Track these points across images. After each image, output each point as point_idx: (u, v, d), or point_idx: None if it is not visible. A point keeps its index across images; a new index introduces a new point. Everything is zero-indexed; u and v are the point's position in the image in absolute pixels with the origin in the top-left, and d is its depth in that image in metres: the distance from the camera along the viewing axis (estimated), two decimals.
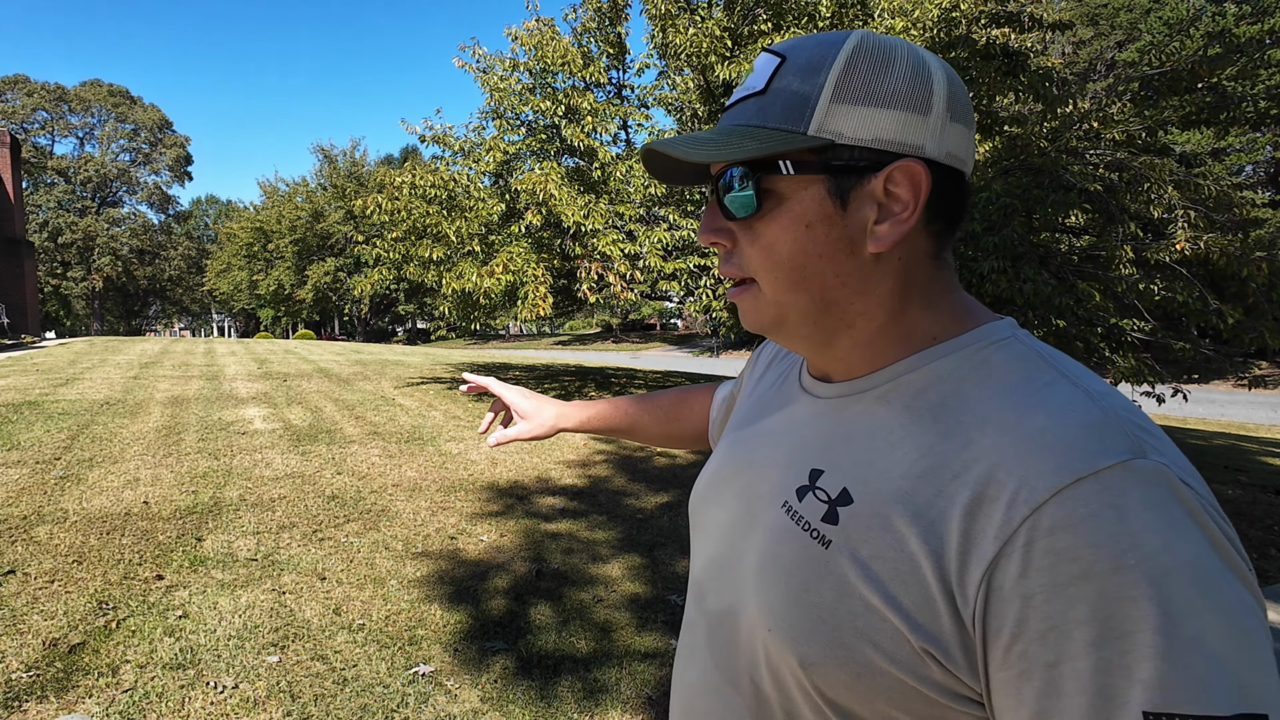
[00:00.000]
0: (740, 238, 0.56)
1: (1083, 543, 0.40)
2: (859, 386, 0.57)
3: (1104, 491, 0.41)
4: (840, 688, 0.49)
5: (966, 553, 0.44)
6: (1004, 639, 0.42)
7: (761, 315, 0.57)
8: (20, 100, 45.30)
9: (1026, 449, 0.44)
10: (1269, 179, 24.23)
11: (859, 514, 0.50)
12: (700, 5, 7.10)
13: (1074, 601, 0.40)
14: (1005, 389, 0.49)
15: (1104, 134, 6.42)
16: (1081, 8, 24.03)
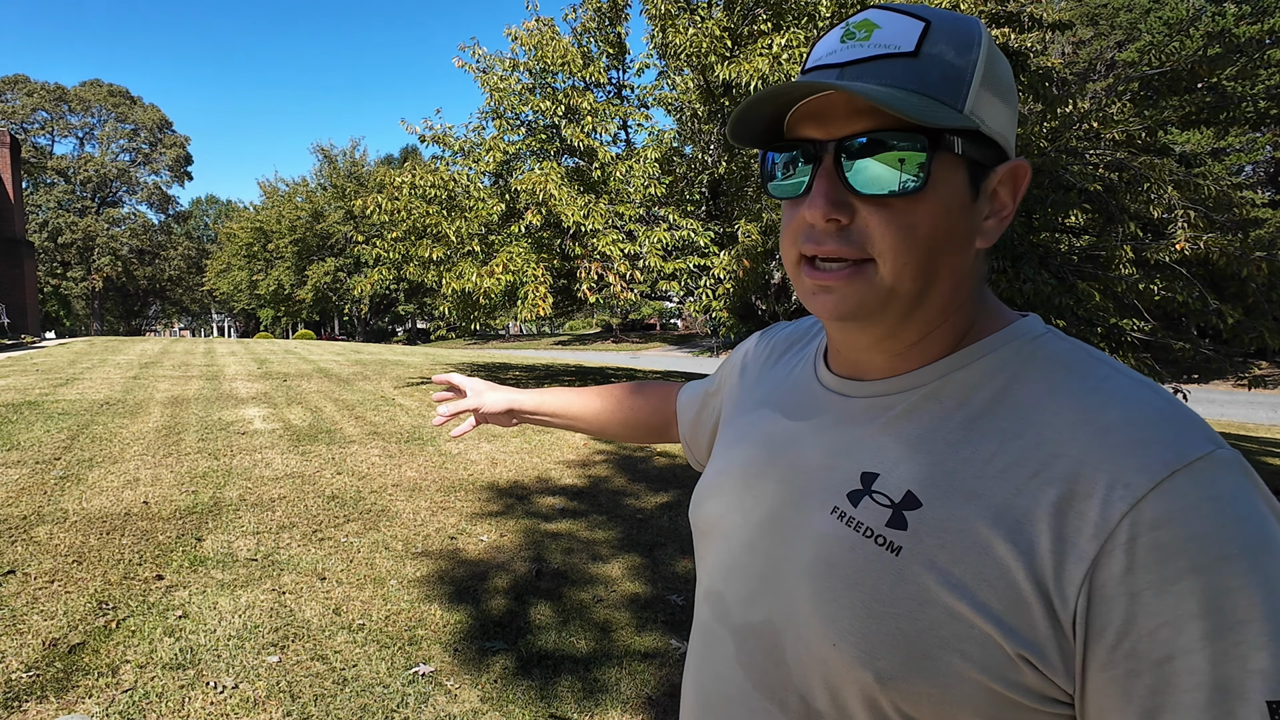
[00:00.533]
0: (865, 214, 0.50)
1: (1186, 536, 0.40)
2: (903, 384, 0.54)
3: (1198, 484, 0.41)
4: (922, 702, 0.47)
5: (1062, 553, 0.43)
6: (1108, 638, 0.41)
7: (865, 299, 0.51)
8: (20, 100, 45.31)
9: (1111, 444, 0.43)
10: (1269, 179, 24.24)
11: (930, 518, 0.48)
12: (700, 5, 7.10)
13: (1184, 596, 0.39)
14: (1064, 384, 0.48)
15: (1104, 134, 6.42)
16: (1081, 8, 24.03)
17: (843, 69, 0.49)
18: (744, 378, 0.76)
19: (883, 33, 0.49)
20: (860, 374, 0.58)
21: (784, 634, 0.54)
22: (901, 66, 0.48)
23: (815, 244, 0.51)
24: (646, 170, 7.06)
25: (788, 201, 0.54)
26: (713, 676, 0.61)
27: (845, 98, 0.48)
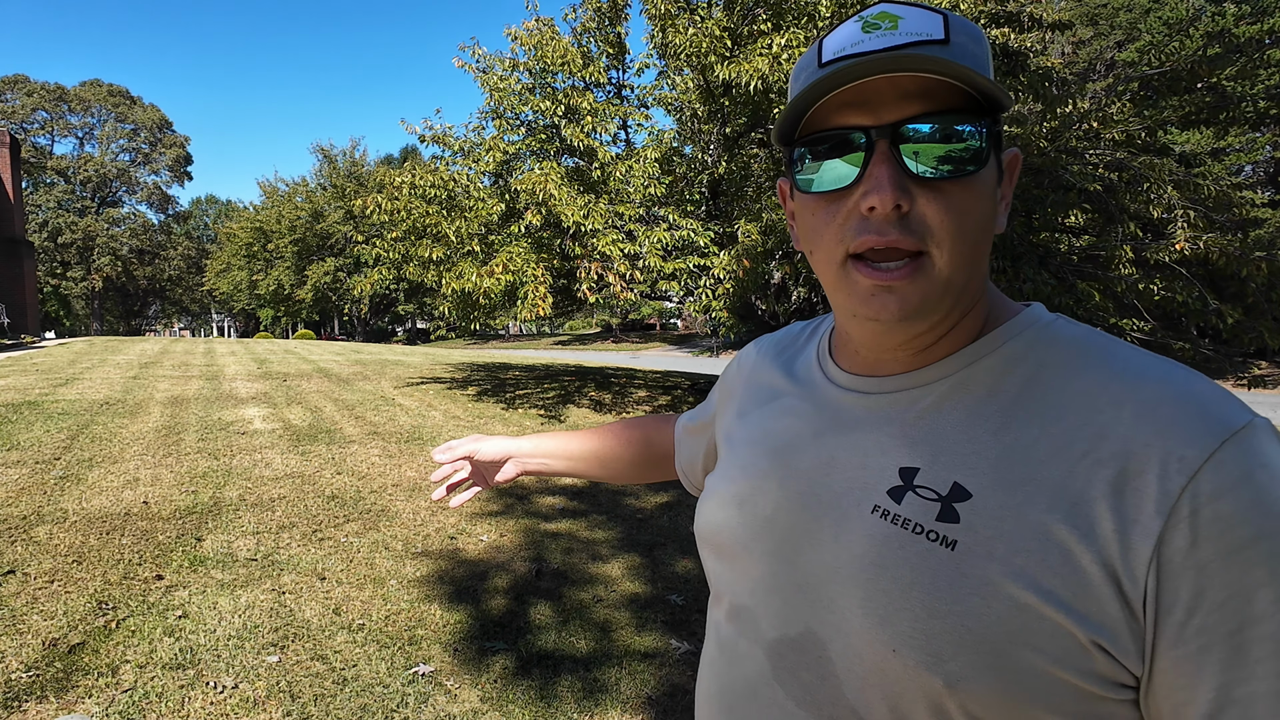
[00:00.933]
0: (923, 201, 0.48)
1: (1246, 504, 0.40)
2: (929, 376, 0.53)
3: (1247, 452, 0.42)
4: (993, 702, 0.45)
5: (1126, 531, 0.42)
6: (1178, 614, 0.41)
7: (928, 295, 0.49)
8: (20, 100, 45.29)
9: (1158, 420, 0.44)
10: (1268, 179, 24.24)
11: (983, 508, 0.47)
12: (700, 5, 7.10)
13: (1251, 565, 0.40)
14: (1093, 366, 0.48)
15: (1103, 134, 6.42)
16: (1081, 8, 24.03)
17: (878, 57, 0.47)
18: (742, 392, 0.73)
19: (908, 23, 0.49)
20: (879, 370, 0.57)
21: (830, 645, 0.51)
22: (941, 52, 0.47)
23: (878, 235, 0.48)
24: (646, 170, 7.06)
25: (825, 198, 0.51)
26: (745, 698, 0.57)
27: (889, 81, 0.47)
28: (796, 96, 0.51)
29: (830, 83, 0.48)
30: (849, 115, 0.49)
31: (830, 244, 0.51)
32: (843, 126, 0.49)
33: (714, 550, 0.64)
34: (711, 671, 0.63)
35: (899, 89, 0.48)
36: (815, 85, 0.48)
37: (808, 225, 0.54)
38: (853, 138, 0.49)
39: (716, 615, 0.63)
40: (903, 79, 0.47)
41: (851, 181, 0.49)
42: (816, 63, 0.52)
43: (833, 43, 0.51)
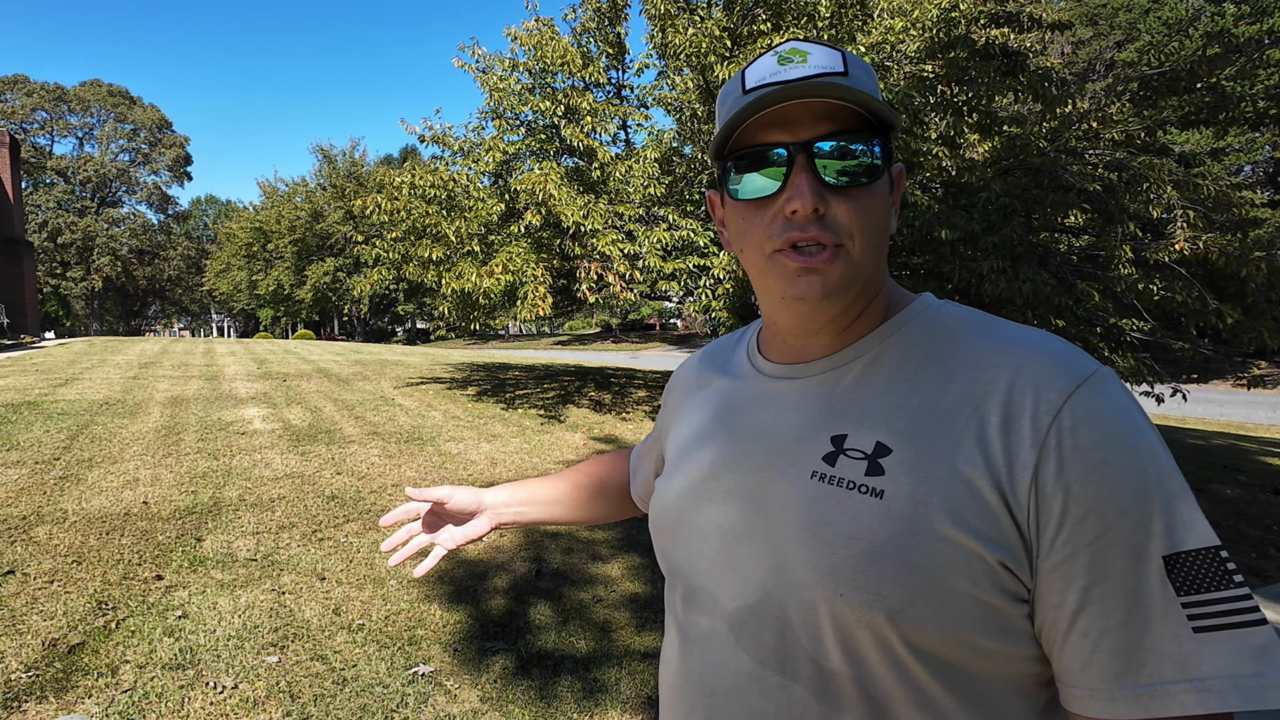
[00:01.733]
0: (835, 204, 0.57)
1: (1097, 434, 0.50)
2: (847, 357, 0.62)
3: (1096, 393, 0.52)
4: (928, 629, 0.52)
5: (1012, 464, 0.51)
6: (1051, 530, 0.50)
7: (844, 276, 0.58)
8: (19, 100, 45.25)
9: (1028, 372, 0.53)
10: (1268, 179, 24.24)
11: (902, 460, 0.55)
12: (700, 5, 7.10)
13: (1102, 483, 0.49)
14: (978, 335, 0.59)
15: (1103, 134, 6.42)
16: (1080, 8, 24.03)
17: (797, 85, 0.56)
18: (681, 402, 0.80)
19: (815, 58, 0.59)
20: (805, 357, 0.65)
21: (787, 604, 0.57)
22: (843, 82, 0.57)
23: (800, 231, 0.57)
24: (646, 170, 7.05)
25: (753, 203, 0.60)
26: (712, 670, 0.62)
27: (804, 105, 0.57)
28: (727, 118, 0.59)
29: (755, 106, 0.57)
30: (771, 134, 0.58)
31: (759, 241, 0.60)
32: (766, 143, 0.58)
33: (668, 537, 0.70)
34: (675, 654, 0.68)
35: (812, 112, 0.57)
36: (743, 109, 0.57)
37: (738, 228, 0.62)
38: (775, 153, 0.58)
39: (674, 601, 0.69)
40: (815, 104, 0.56)
41: (776, 190, 0.58)
42: (740, 90, 0.61)
43: (754, 73, 0.60)
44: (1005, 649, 0.53)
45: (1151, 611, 0.48)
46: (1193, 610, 0.48)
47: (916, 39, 6.57)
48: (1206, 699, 0.46)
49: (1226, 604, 0.48)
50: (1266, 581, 3.84)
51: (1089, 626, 0.50)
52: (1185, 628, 0.48)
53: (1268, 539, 4.59)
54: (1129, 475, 0.49)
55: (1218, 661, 0.47)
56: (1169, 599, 0.48)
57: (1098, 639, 0.49)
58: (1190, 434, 9.66)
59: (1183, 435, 9.37)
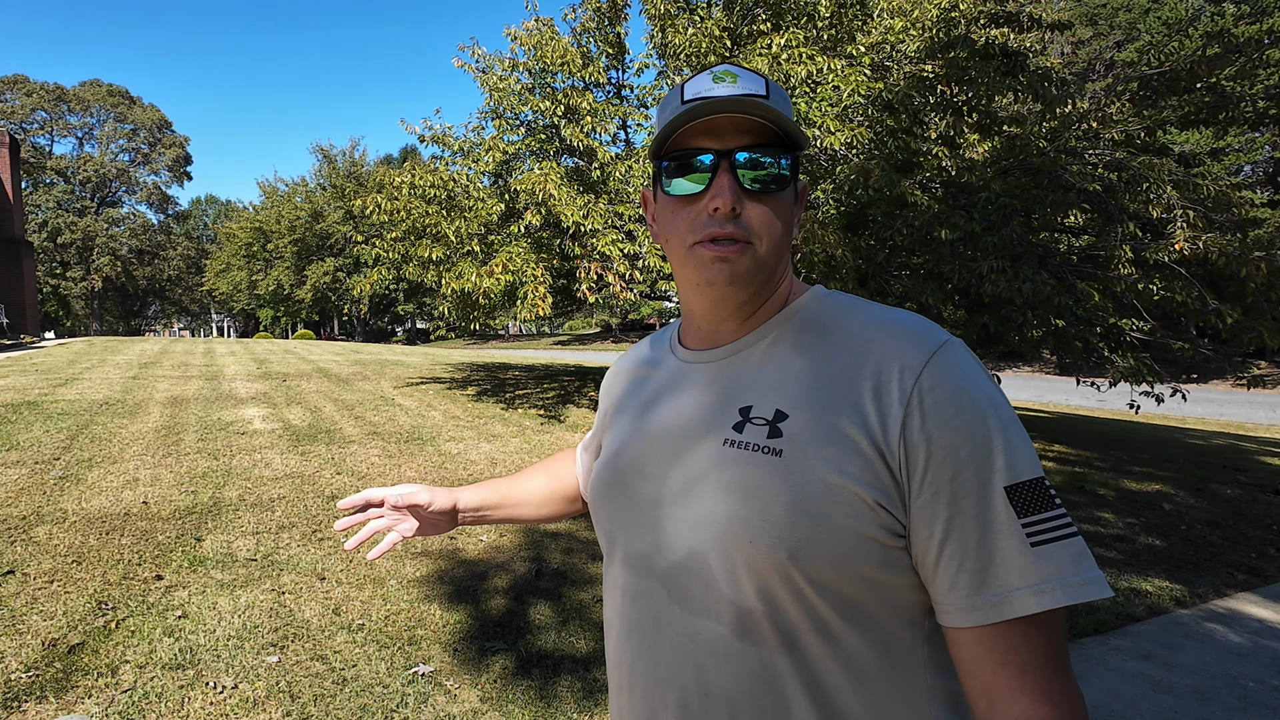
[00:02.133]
0: (749, 207, 0.67)
1: (950, 391, 0.61)
2: (752, 340, 0.73)
3: (947, 358, 0.63)
4: (824, 563, 0.62)
5: (885, 421, 0.61)
6: (919, 473, 0.60)
7: (750, 267, 0.68)
8: (19, 100, 45.23)
9: (894, 345, 0.64)
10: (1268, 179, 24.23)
11: (797, 423, 0.65)
12: (699, 5, 7.10)
13: (955, 430, 0.60)
14: (854, 315, 0.70)
15: (1103, 134, 6.42)
16: (1080, 8, 24.03)
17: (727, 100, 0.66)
18: (616, 394, 0.90)
19: (743, 81, 0.69)
20: (718, 342, 0.75)
21: (709, 557, 0.66)
22: (764, 104, 0.66)
23: (719, 227, 0.67)
24: (646, 170, 7.05)
25: (681, 199, 0.69)
26: (651, 624, 0.71)
27: (731, 119, 0.67)
28: (665, 124, 0.69)
29: (691, 116, 0.66)
30: (701, 141, 0.68)
31: (683, 233, 0.69)
32: (698, 148, 0.68)
33: (605, 511, 0.79)
34: (617, 617, 0.77)
35: (737, 126, 0.67)
36: (679, 117, 0.67)
37: (666, 220, 0.72)
38: (703, 158, 0.68)
39: (613, 570, 0.78)
40: (739, 118, 0.66)
41: (702, 189, 0.68)
42: (680, 100, 0.70)
43: (691, 88, 0.70)
44: (888, 578, 0.63)
45: (999, 533, 0.59)
46: (1030, 529, 0.59)
47: (916, 39, 6.57)
48: (1042, 599, 0.57)
49: (1053, 521, 0.59)
50: (1266, 581, 3.85)
51: (953, 552, 0.60)
52: (1025, 543, 0.58)
53: (1267, 539, 4.59)
54: (975, 424, 0.60)
55: (1049, 568, 0.58)
56: (1012, 521, 0.59)
57: (960, 561, 0.60)
58: (1190, 434, 9.66)
59: (1183, 435, 9.37)
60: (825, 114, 5.82)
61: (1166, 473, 6.45)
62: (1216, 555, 4.21)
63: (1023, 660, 0.58)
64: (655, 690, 0.70)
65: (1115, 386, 6.49)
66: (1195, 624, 3.26)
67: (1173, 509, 5.21)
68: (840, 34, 6.67)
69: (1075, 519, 4.78)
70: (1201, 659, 2.89)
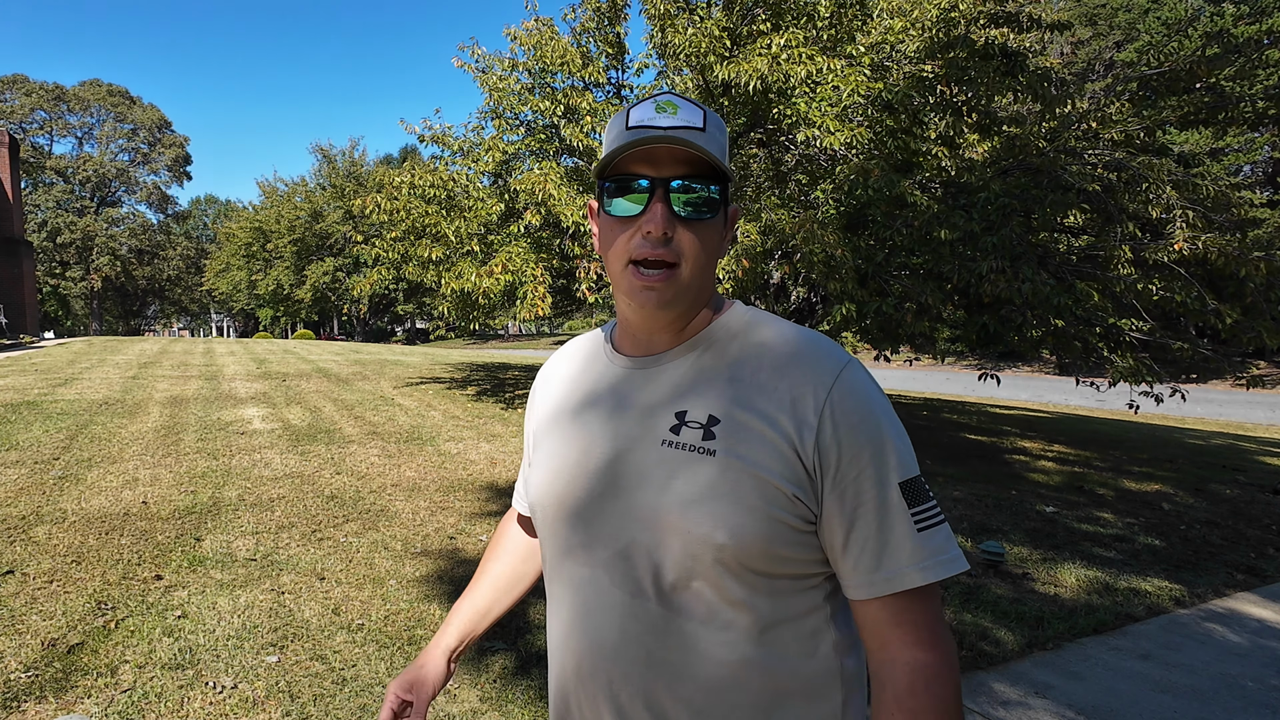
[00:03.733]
0: (678, 232, 0.74)
1: (854, 403, 0.73)
2: (684, 351, 0.81)
3: (850, 376, 0.74)
4: (751, 545, 0.71)
5: (801, 428, 0.72)
6: (830, 472, 0.72)
7: (676, 291, 0.75)
8: (19, 100, 45.18)
9: (808, 362, 0.75)
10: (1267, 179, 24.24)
11: (727, 427, 0.74)
12: (699, 5, 7.09)
13: (858, 435, 0.72)
14: (772, 334, 0.79)
15: (1102, 134, 6.42)
16: (1080, 8, 24.04)
17: (666, 130, 0.73)
18: (546, 399, 0.93)
19: (683, 112, 0.75)
20: (652, 350, 0.82)
21: (650, 545, 0.75)
22: (700, 136, 0.74)
23: (651, 249, 0.74)
24: None
25: (619, 219, 0.76)
26: (594, 609, 0.78)
27: (668, 149, 0.73)
28: (609, 150, 0.76)
29: (633, 144, 0.73)
30: (640, 166, 0.74)
31: (620, 252, 0.76)
32: (636, 173, 0.75)
33: (550, 515, 0.84)
34: (561, 606, 0.83)
35: (673, 155, 0.74)
36: (622, 145, 0.74)
37: (606, 238, 0.79)
38: (640, 183, 0.74)
39: (556, 562, 0.84)
40: (676, 149, 0.73)
41: (638, 212, 0.75)
42: (624, 125, 0.76)
43: (636, 114, 0.76)
44: (798, 555, 0.74)
45: (894, 521, 0.72)
46: (916, 517, 0.72)
47: (916, 39, 6.57)
48: (927, 574, 0.71)
49: (931, 511, 0.73)
50: (1266, 581, 3.85)
51: (857, 536, 0.72)
52: (913, 528, 0.72)
53: (1266, 539, 4.60)
54: (875, 430, 0.73)
55: (930, 547, 0.72)
56: (904, 510, 0.72)
57: (863, 543, 0.72)
58: (1189, 434, 9.66)
59: (1182, 435, 9.37)
60: (825, 114, 5.83)
61: (1166, 473, 6.45)
62: (1216, 555, 4.21)
63: (913, 619, 0.72)
64: (604, 667, 0.78)
65: (1114, 386, 6.49)
66: (1194, 624, 3.26)
67: (1172, 509, 5.22)
68: (840, 34, 6.67)
69: (1075, 519, 4.79)
70: (1201, 659, 2.89)
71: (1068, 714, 2.44)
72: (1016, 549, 4.09)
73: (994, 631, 3.02)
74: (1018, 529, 4.47)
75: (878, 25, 6.78)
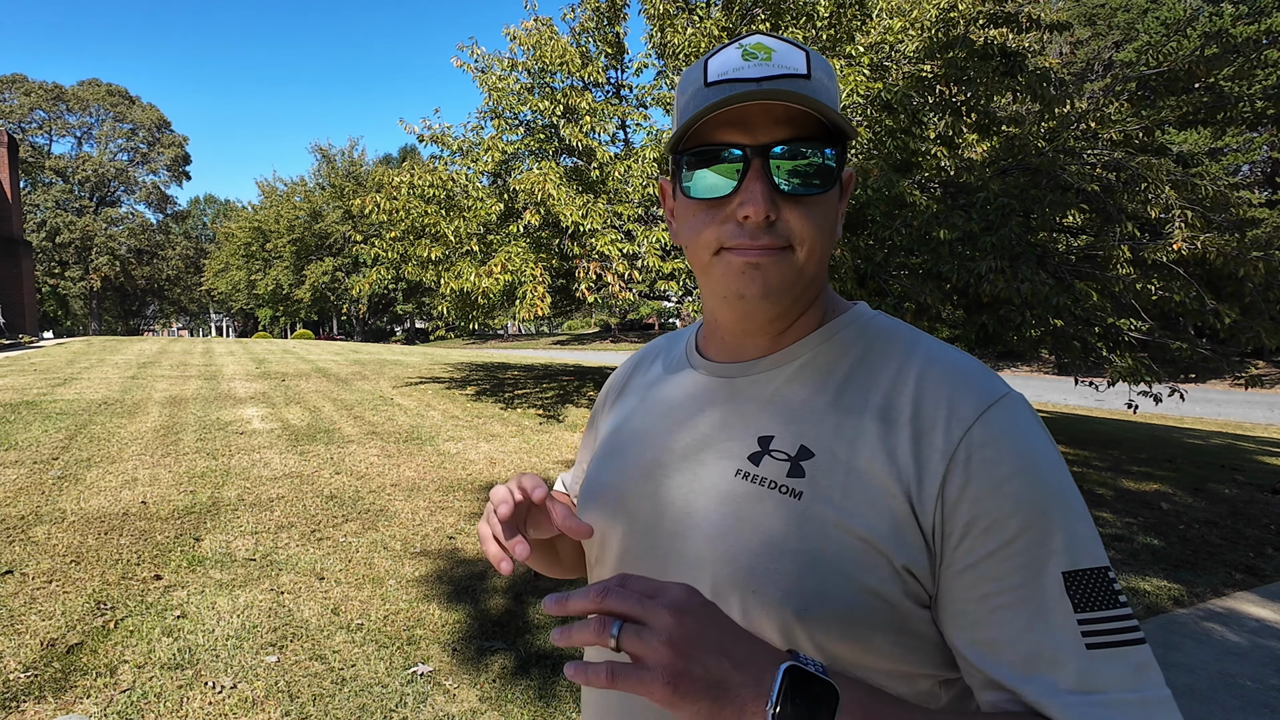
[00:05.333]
0: (785, 210, 0.58)
1: (1005, 451, 0.53)
2: (781, 360, 0.64)
3: (1005, 414, 0.54)
4: (833, 626, 0.54)
5: (921, 474, 0.54)
6: (955, 537, 0.53)
7: (785, 276, 0.59)
8: (18, 100, 45.14)
9: (944, 388, 0.56)
10: (1265, 179, 24.27)
11: (822, 464, 0.57)
12: (698, 5, 7.10)
13: (1006, 497, 0.52)
14: (901, 350, 0.61)
15: (1101, 134, 6.43)
16: (1079, 8, 24.06)
17: (759, 82, 0.56)
18: (616, 404, 0.80)
19: (779, 56, 0.57)
20: (741, 357, 0.66)
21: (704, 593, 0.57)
22: (804, 86, 0.57)
23: (750, 239, 0.57)
24: (645, 170, 7.05)
25: (705, 202, 0.59)
26: None
27: (764, 107, 0.56)
28: (684, 117, 0.59)
29: (715, 106, 0.56)
30: (728, 133, 0.57)
31: (708, 240, 0.60)
32: (724, 142, 0.57)
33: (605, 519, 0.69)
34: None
35: (771, 115, 0.56)
36: (702, 109, 0.57)
37: (688, 224, 0.62)
38: (731, 153, 0.57)
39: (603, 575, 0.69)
40: (775, 107, 0.56)
41: (730, 191, 0.58)
42: (703, 81, 0.59)
43: (717, 65, 0.59)
44: (904, 652, 0.55)
45: (1051, 625, 0.50)
46: (1087, 627, 0.50)
47: (915, 39, 6.57)
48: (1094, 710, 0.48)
49: (1117, 622, 0.50)
50: (1264, 581, 3.85)
51: (989, 633, 0.52)
52: (1079, 643, 0.50)
53: (1265, 538, 4.60)
54: (1032, 491, 0.52)
55: (1105, 679, 0.49)
56: (1068, 613, 0.50)
57: (1001, 644, 0.51)
58: (1188, 434, 9.67)
59: (1181, 435, 9.38)
60: None
61: (1165, 472, 6.46)
62: (1214, 555, 4.22)
63: None
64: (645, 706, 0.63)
65: (1113, 386, 6.49)
66: (1193, 623, 3.26)
67: (1171, 508, 5.22)
68: (839, 34, 6.67)
69: None
70: (1200, 658, 2.90)
71: None
72: None
73: None
74: None
75: (877, 25, 6.78)
